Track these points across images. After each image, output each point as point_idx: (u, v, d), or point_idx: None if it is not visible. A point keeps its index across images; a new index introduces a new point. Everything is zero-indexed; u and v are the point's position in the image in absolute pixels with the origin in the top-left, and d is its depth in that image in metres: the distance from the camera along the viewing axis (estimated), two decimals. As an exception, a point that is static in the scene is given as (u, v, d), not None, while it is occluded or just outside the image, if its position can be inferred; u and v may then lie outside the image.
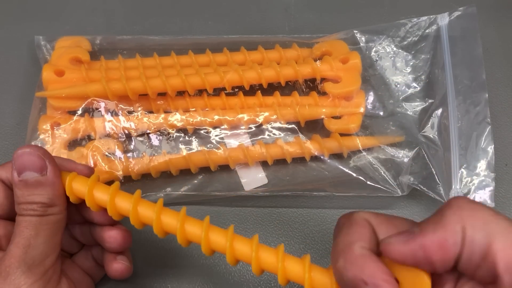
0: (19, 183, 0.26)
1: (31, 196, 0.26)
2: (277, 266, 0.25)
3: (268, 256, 0.26)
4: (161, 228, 0.27)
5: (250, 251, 0.26)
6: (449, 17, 0.39)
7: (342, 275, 0.22)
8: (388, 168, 0.36)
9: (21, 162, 0.26)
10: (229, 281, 0.34)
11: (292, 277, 0.26)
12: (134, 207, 0.27)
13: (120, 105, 0.36)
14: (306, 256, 0.26)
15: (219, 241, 0.26)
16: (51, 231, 0.26)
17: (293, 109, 0.36)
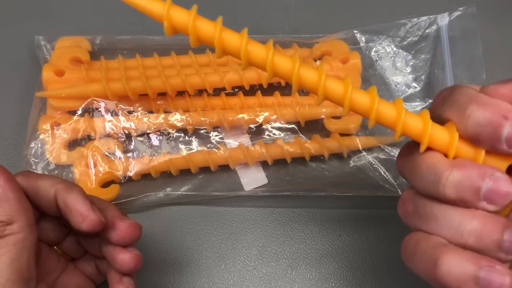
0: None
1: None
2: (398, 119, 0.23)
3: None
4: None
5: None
6: (449, 17, 0.39)
7: (477, 118, 0.21)
8: (388, 168, 0.36)
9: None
10: (229, 281, 0.34)
11: (410, 133, 0.23)
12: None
13: (120, 105, 0.36)
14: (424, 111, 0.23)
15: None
16: (14, 253, 0.23)
17: (293, 109, 0.36)
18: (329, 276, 0.34)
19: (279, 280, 0.34)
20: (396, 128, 0.23)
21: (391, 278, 0.34)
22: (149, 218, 0.36)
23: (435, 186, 0.22)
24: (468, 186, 0.21)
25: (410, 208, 0.24)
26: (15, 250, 0.23)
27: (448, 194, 0.22)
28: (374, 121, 0.23)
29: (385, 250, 0.35)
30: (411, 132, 0.23)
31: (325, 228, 0.36)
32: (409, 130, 0.23)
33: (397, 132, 0.23)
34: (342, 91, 0.24)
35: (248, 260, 0.35)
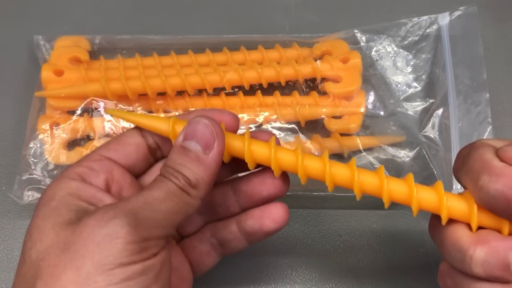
0: (180, 148, 0.23)
1: (180, 166, 0.23)
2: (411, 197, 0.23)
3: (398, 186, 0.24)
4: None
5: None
6: (450, 16, 0.39)
7: (489, 190, 0.21)
8: (388, 168, 0.36)
9: (193, 129, 0.24)
10: (229, 281, 0.34)
11: (427, 206, 0.23)
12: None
13: (120, 105, 0.36)
14: (438, 183, 0.23)
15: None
16: (178, 208, 0.23)
17: (293, 109, 0.36)
18: (329, 276, 0.34)
19: (279, 280, 0.34)
20: (412, 204, 0.23)
21: (391, 278, 0.34)
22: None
23: (462, 263, 0.22)
24: (495, 263, 0.21)
25: (449, 283, 0.23)
26: (180, 206, 0.23)
27: (477, 273, 0.21)
28: (388, 202, 0.24)
29: (385, 250, 0.35)
30: (428, 207, 0.23)
31: (325, 228, 0.36)
32: (425, 205, 0.23)
33: (414, 209, 0.23)
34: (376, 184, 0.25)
35: (248, 260, 0.35)
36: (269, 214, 0.26)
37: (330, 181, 0.25)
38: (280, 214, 0.26)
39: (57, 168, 0.36)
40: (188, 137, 0.24)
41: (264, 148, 0.25)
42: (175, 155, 0.24)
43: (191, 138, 0.23)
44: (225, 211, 0.28)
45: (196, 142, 0.23)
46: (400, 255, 0.35)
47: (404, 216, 0.36)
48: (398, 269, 0.35)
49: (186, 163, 0.23)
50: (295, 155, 0.25)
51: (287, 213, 0.27)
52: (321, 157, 0.25)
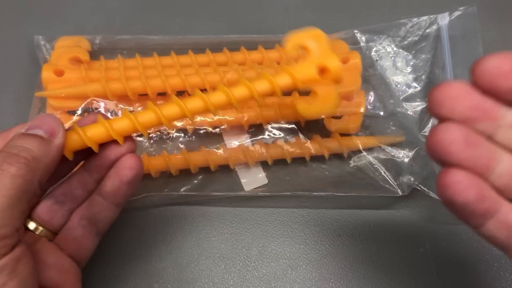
0: (21, 134, 0.24)
1: (19, 148, 0.23)
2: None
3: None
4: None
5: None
6: (450, 17, 0.39)
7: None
8: (388, 168, 0.36)
9: (38, 120, 0.24)
10: (229, 281, 0.34)
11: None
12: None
13: (120, 105, 0.36)
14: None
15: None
16: (13, 199, 0.22)
17: (293, 109, 0.36)
18: (329, 276, 0.34)
19: (279, 280, 0.34)
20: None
21: (391, 278, 0.34)
22: (149, 218, 0.36)
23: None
24: None
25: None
26: (16, 195, 0.22)
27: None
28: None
29: (385, 250, 0.35)
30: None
31: (325, 228, 0.36)
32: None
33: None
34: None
35: (248, 260, 0.35)
36: (123, 165, 0.27)
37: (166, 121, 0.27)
38: (132, 161, 0.27)
39: (58, 168, 0.36)
40: (31, 127, 0.24)
41: (99, 127, 0.26)
42: (15, 140, 0.23)
43: (35, 128, 0.24)
44: (84, 192, 0.28)
45: (40, 129, 0.24)
46: (400, 255, 0.35)
47: (404, 216, 0.36)
48: (398, 269, 0.35)
49: (26, 143, 0.23)
50: (127, 118, 0.26)
51: (139, 159, 0.27)
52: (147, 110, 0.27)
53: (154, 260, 0.35)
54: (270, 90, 0.28)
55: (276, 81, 0.28)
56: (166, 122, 0.27)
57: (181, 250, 0.35)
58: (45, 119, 0.25)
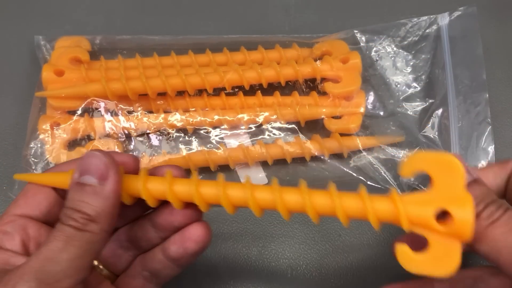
0: (76, 185, 0.23)
1: (79, 203, 0.23)
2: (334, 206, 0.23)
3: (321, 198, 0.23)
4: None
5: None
6: (450, 17, 0.39)
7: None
8: (388, 168, 0.36)
9: (86, 163, 0.23)
10: (229, 281, 0.34)
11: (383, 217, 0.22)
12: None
13: (120, 105, 0.36)
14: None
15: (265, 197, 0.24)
16: (82, 250, 0.22)
17: (293, 109, 0.36)
18: (329, 276, 0.34)
19: (279, 280, 0.34)
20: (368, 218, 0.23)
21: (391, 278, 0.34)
22: (149, 218, 0.36)
23: None
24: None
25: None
26: (85, 247, 0.22)
27: None
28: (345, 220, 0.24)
29: (385, 250, 0.35)
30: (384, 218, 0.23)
31: (325, 228, 0.36)
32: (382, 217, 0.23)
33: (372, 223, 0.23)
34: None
35: (248, 260, 0.35)
36: (189, 236, 0.26)
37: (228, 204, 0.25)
38: (199, 233, 0.26)
39: (58, 168, 0.36)
40: (82, 172, 0.23)
41: (160, 184, 0.25)
42: (73, 193, 0.23)
43: (85, 173, 0.23)
44: (148, 244, 0.28)
45: (91, 175, 0.23)
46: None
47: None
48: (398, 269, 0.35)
49: (84, 198, 0.23)
50: (191, 186, 0.25)
51: (207, 229, 0.26)
52: (217, 182, 0.25)
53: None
54: (362, 216, 0.23)
55: (371, 207, 0.23)
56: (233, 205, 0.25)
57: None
58: (91, 161, 0.24)
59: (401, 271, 0.34)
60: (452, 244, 0.22)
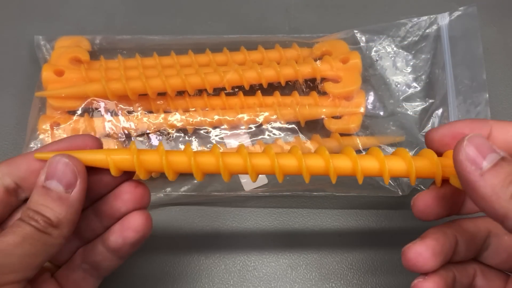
0: (41, 188, 0.23)
1: (42, 207, 0.23)
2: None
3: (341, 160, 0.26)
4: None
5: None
6: (450, 17, 0.39)
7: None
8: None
9: (54, 168, 0.24)
10: (229, 281, 0.34)
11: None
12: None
13: (120, 105, 0.36)
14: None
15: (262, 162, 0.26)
16: (37, 250, 0.23)
17: (293, 109, 0.36)
18: (329, 276, 0.34)
19: (279, 280, 0.34)
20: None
21: (391, 278, 0.34)
22: (149, 218, 0.36)
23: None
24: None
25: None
26: (40, 249, 0.23)
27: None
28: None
29: (385, 250, 0.35)
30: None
31: (325, 228, 0.36)
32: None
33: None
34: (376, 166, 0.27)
35: (248, 260, 0.35)
36: (128, 225, 0.26)
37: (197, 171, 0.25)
38: (139, 222, 0.26)
39: (58, 168, 0.36)
40: (49, 176, 0.23)
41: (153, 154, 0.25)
42: (37, 196, 0.23)
43: (52, 178, 0.23)
44: (91, 234, 0.27)
45: (57, 181, 0.23)
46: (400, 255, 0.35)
47: (404, 216, 0.36)
48: (398, 269, 0.35)
49: (47, 203, 0.23)
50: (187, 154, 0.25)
51: (148, 218, 0.26)
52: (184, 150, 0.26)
53: (154, 260, 0.35)
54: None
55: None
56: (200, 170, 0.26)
57: (181, 250, 0.35)
58: (59, 167, 0.24)
59: (400, 271, 0.34)
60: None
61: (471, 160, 0.23)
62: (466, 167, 0.23)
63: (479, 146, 0.23)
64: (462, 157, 0.23)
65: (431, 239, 0.26)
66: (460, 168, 0.23)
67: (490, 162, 0.22)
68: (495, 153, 0.22)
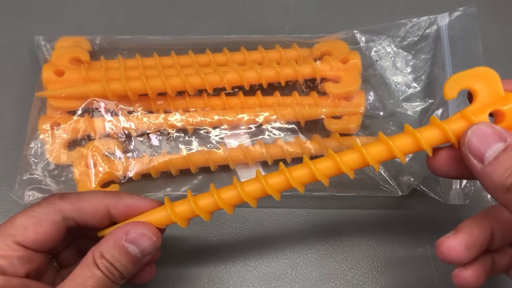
0: (122, 248, 0.26)
1: (118, 264, 0.26)
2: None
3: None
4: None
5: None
6: (449, 17, 0.39)
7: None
8: (388, 168, 0.36)
9: (139, 239, 0.27)
10: (229, 281, 0.34)
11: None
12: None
13: (120, 105, 0.36)
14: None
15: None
16: None
17: (293, 109, 0.36)
18: (329, 276, 0.34)
19: (279, 280, 0.34)
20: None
21: (391, 278, 0.34)
22: (149, 218, 0.36)
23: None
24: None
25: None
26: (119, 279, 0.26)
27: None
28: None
29: (385, 250, 0.35)
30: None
31: (325, 228, 0.36)
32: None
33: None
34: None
35: (248, 260, 0.35)
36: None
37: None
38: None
39: (58, 168, 0.36)
40: (131, 241, 0.27)
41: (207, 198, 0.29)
42: (116, 253, 0.26)
43: (133, 243, 0.27)
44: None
45: (137, 247, 0.27)
46: (400, 255, 0.35)
47: (404, 216, 0.36)
48: (398, 269, 0.35)
49: (125, 263, 0.26)
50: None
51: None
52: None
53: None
54: (414, 149, 0.27)
55: (420, 137, 0.26)
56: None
57: (181, 250, 0.35)
58: (141, 239, 0.27)
59: (401, 271, 0.34)
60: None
61: (474, 153, 0.23)
62: (470, 160, 0.23)
63: (483, 137, 0.22)
64: (466, 150, 0.23)
65: (464, 233, 0.25)
66: (465, 160, 0.23)
67: (492, 154, 0.22)
68: (499, 143, 0.22)
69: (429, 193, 0.35)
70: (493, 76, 0.26)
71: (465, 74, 0.26)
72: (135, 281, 0.30)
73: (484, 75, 0.26)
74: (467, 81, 0.26)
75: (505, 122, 0.25)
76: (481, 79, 0.26)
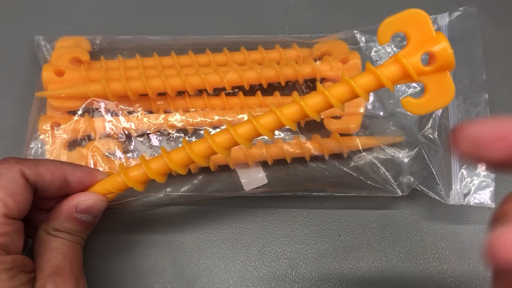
0: (75, 219, 0.28)
1: (79, 234, 0.29)
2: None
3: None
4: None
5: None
6: (449, 17, 0.39)
7: None
8: (388, 168, 0.36)
9: (90, 206, 0.29)
10: (229, 281, 0.34)
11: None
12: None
13: (120, 105, 0.36)
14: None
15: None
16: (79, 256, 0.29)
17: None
18: (329, 276, 0.34)
19: (279, 280, 0.34)
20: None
21: (390, 278, 0.34)
22: (149, 218, 0.36)
23: None
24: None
25: None
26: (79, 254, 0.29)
27: None
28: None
29: (384, 250, 0.35)
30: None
31: (325, 228, 0.36)
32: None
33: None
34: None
35: (248, 260, 0.35)
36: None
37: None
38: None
39: (58, 168, 0.36)
40: (83, 211, 0.29)
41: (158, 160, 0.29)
42: (70, 224, 0.28)
43: (85, 213, 0.29)
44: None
45: (89, 215, 0.29)
46: (400, 255, 0.35)
47: (404, 216, 0.36)
48: (398, 269, 0.35)
49: (81, 230, 0.29)
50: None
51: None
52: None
53: (154, 260, 0.35)
54: (351, 96, 0.26)
55: (355, 84, 0.25)
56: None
57: (181, 250, 0.35)
58: (96, 206, 0.29)
59: (400, 271, 0.35)
60: (443, 78, 0.26)
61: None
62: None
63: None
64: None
65: None
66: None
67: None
68: None
69: (429, 194, 0.35)
70: (423, 17, 0.26)
71: (396, 18, 0.26)
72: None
73: (415, 18, 0.26)
74: (399, 25, 0.26)
75: (436, 63, 0.25)
76: (413, 22, 0.26)
